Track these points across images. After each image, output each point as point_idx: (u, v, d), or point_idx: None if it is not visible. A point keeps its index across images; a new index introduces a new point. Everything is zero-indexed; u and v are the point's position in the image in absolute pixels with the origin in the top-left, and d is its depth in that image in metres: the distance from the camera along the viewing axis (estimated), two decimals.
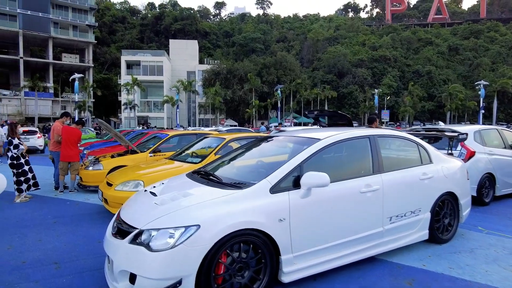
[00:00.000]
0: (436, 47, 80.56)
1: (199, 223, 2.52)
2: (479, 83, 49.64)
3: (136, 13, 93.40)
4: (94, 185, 7.17)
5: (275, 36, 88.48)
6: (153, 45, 75.99)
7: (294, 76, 60.86)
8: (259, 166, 3.82)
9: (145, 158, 7.67)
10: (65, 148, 7.20)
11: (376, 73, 73.40)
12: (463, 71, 75.47)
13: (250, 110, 49.41)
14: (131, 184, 5.14)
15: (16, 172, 6.28)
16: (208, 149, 6.77)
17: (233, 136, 6.37)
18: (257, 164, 3.90)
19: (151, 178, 5.19)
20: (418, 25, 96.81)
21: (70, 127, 7.48)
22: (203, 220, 2.55)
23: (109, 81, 60.22)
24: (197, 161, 5.79)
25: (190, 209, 2.67)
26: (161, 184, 3.62)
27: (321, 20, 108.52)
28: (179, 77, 57.51)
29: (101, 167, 7.22)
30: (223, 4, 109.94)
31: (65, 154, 7.20)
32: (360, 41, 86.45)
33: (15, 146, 6.24)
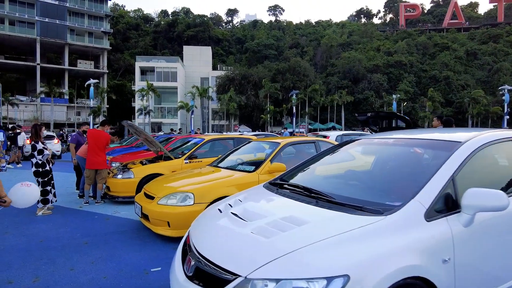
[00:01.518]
0: (453, 52, 78.69)
1: (347, 272, 1.58)
2: (503, 88, 47.86)
3: (150, 21, 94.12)
4: (123, 196, 6.35)
5: (288, 42, 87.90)
6: (166, 52, 76.14)
7: (308, 81, 59.91)
8: (370, 178, 2.89)
9: (180, 165, 6.82)
10: (91, 153, 6.38)
11: (392, 78, 71.93)
12: (482, 76, 73.35)
13: (265, 116, 48.56)
14: (178, 197, 4.25)
15: (41, 181, 5.46)
16: (256, 155, 5.87)
17: (288, 140, 5.45)
18: (365, 175, 2.97)
19: (203, 190, 4.31)
20: (433, 30, 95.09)
21: (96, 130, 6.68)
22: (352, 267, 1.61)
23: (123, 87, 60.20)
24: (251, 169, 4.87)
25: (323, 248, 1.73)
26: (238, 202, 2.70)
27: (334, 26, 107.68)
28: (193, 83, 57.20)
29: (131, 175, 6.38)
30: (236, 11, 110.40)
31: (91, 160, 6.38)
32: (374, 47, 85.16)
33: (39, 152, 5.43)
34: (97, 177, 6.45)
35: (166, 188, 4.54)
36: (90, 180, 6.46)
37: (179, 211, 4.13)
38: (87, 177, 6.46)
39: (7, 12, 43.05)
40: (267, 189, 2.93)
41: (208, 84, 56.67)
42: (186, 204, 4.17)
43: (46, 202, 5.51)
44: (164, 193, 4.37)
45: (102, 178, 6.42)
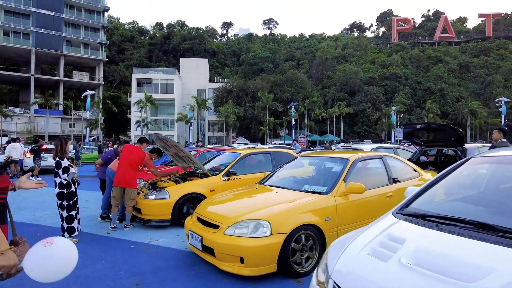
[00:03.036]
0: (446, 64, 79.90)
1: None
2: (499, 100, 48.38)
3: (145, 33, 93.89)
4: (157, 220, 5.54)
5: (283, 55, 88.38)
6: (161, 64, 75.73)
7: (306, 94, 59.84)
8: None
9: (218, 183, 6.07)
10: (121, 170, 5.61)
11: (387, 90, 72.42)
12: (475, 88, 74.41)
13: (264, 128, 48.00)
14: (250, 226, 3.49)
15: (66, 204, 4.64)
16: (313, 172, 5.16)
17: (357, 155, 4.75)
18: None
19: (280, 217, 3.57)
20: (425, 44, 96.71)
21: (133, 145, 5.94)
22: None
23: (118, 99, 59.28)
24: (322, 190, 4.15)
25: None
26: (391, 244, 1.98)
27: (328, 39, 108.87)
28: (190, 95, 56.62)
29: (166, 195, 5.60)
30: (230, 24, 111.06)
31: (120, 177, 5.59)
32: (369, 59, 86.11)
33: (64, 170, 4.62)
34: (125, 197, 5.64)
35: (231, 213, 3.77)
36: (117, 201, 5.65)
37: (255, 244, 3.37)
38: (114, 197, 5.65)
39: (2, 22, 42.17)
40: (413, 223, 2.23)
41: (205, 96, 56.16)
42: (261, 235, 3.42)
43: (72, 231, 4.68)
44: (231, 220, 3.61)
45: (131, 200, 5.61)
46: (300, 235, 3.61)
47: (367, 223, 4.37)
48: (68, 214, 4.62)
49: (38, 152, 13.50)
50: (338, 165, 4.63)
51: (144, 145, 6.10)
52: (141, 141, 6.07)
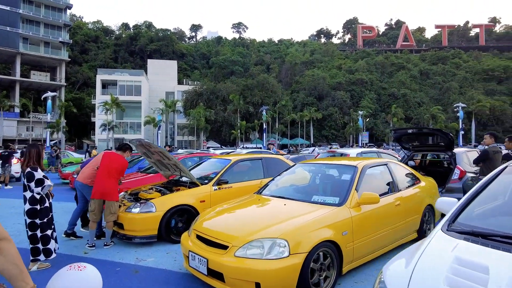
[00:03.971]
0: (408, 71, 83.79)
1: None
2: (457, 105, 51.31)
3: (110, 33, 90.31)
4: (142, 236, 4.94)
5: (253, 59, 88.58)
6: (127, 65, 73.09)
7: (276, 98, 60.15)
8: None
9: (209, 192, 5.57)
10: (101, 179, 4.96)
11: (354, 95, 74.57)
12: (435, 94, 78.55)
13: (236, 132, 47.52)
14: (266, 246, 3.06)
15: (40, 223, 3.93)
16: (317, 181, 4.83)
17: (365, 162, 4.47)
18: None
19: (298, 234, 3.17)
20: (389, 51, 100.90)
21: (114, 152, 5.28)
22: None
23: (81, 101, 56.29)
24: (335, 202, 3.82)
25: None
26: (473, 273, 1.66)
27: (296, 45, 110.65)
28: (158, 98, 54.95)
29: (152, 208, 5.01)
30: (199, 26, 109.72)
31: (100, 188, 4.94)
32: (336, 65, 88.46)
33: (38, 182, 3.93)
34: (105, 211, 4.99)
35: (241, 231, 3.31)
36: (95, 216, 4.98)
37: (272, 267, 2.94)
38: (92, 212, 4.98)
39: None
40: (478, 243, 1.95)
41: (173, 99, 54.65)
42: (278, 256, 3.00)
43: (48, 253, 3.96)
44: (242, 239, 3.15)
45: (112, 214, 4.97)
46: (318, 253, 3.23)
47: (379, 235, 4.13)
48: (43, 234, 3.91)
49: (8, 158, 12.87)
50: (346, 173, 4.33)
51: (128, 153, 5.49)
52: (124, 148, 5.45)
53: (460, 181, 6.65)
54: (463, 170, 6.75)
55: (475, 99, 65.43)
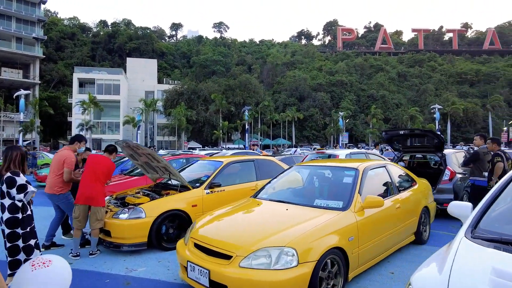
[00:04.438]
0: (387, 73, 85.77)
1: None
2: (434, 107, 52.91)
3: (87, 30, 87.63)
4: (131, 243, 4.64)
5: (235, 59, 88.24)
6: (106, 64, 71.14)
7: (258, 98, 60.08)
8: None
9: (201, 196, 5.33)
10: (86, 183, 4.63)
11: (334, 96, 75.56)
12: (412, 95, 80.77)
13: (218, 132, 47.09)
14: (273, 256, 2.86)
15: (23, 233, 3.55)
16: (315, 184, 4.68)
17: (366, 164, 4.35)
18: None
19: (307, 242, 2.99)
20: (368, 53, 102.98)
21: (100, 155, 4.95)
22: None
23: (57, 100, 54.19)
24: (339, 206, 3.68)
25: None
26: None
27: (277, 45, 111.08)
28: (137, 97, 53.77)
29: (142, 213, 4.72)
30: (180, 25, 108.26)
31: (85, 192, 4.61)
32: (316, 66, 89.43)
33: (20, 188, 3.57)
34: (90, 218, 4.66)
35: (244, 239, 3.10)
36: (80, 222, 4.64)
37: (281, 278, 2.76)
38: (76, 218, 4.63)
39: None
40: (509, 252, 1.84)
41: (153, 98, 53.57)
42: (286, 266, 2.81)
43: None
44: (246, 248, 2.94)
45: (98, 221, 4.64)
46: (326, 261, 3.08)
47: (382, 239, 4.03)
48: (26, 244, 3.55)
49: None
50: (347, 176, 4.20)
51: (114, 155, 5.17)
52: (111, 150, 5.11)
53: (450, 182, 6.69)
54: (453, 171, 6.80)
55: (449, 101, 67.71)
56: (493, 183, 5.77)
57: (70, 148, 5.18)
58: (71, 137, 5.49)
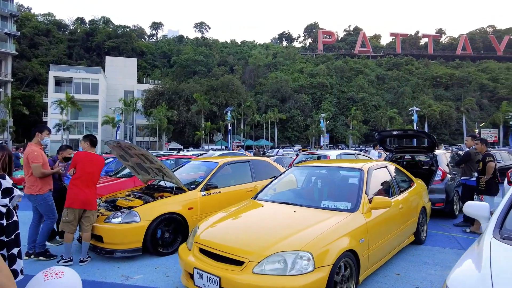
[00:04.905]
0: (366, 76, 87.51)
1: None
2: (412, 109, 54.39)
3: (63, 28, 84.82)
4: (124, 249, 4.39)
5: (216, 60, 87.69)
6: (83, 62, 69.07)
7: (241, 99, 59.91)
8: None
9: (197, 198, 5.13)
10: (82, 186, 4.33)
11: (315, 98, 76.42)
12: (390, 98, 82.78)
13: (200, 133, 46.56)
14: (289, 260, 2.72)
15: (7, 240, 3.25)
16: (318, 185, 4.58)
17: (370, 164, 4.29)
18: None
19: (320, 245, 2.87)
20: (348, 56, 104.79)
21: (90, 153, 4.58)
22: None
23: (31, 99, 52.04)
24: (347, 207, 3.59)
25: None
26: None
27: (259, 47, 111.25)
28: (116, 97, 52.44)
29: (136, 217, 4.47)
30: (160, 24, 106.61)
31: (82, 196, 4.30)
32: (297, 69, 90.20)
33: (5, 192, 3.25)
34: (84, 222, 4.37)
35: (256, 243, 2.94)
36: (74, 226, 4.32)
37: (297, 284, 2.62)
38: (68, 222, 4.30)
39: None
40: None
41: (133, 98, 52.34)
42: (302, 271, 2.68)
43: (14, 275, 3.29)
44: (259, 253, 2.79)
45: (89, 224, 4.37)
46: (340, 264, 2.97)
47: (388, 240, 3.97)
48: (10, 253, 3.25)
49: None
50: (352, 176, 4.12)
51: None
52: (95, 142, 4.70)
53: (442, 182, 6.77)
54: (444, 171, 6.89)
55: (426, 104, 69.84)
56: (483, 181, 5.89)
57: (33, 143, 4.68)
58: (31, 131, 4.90)
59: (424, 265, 4.22)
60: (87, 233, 4.35)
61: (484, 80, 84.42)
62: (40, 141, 4.69)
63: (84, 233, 4.36)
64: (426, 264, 4.24)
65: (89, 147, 4.60)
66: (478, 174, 6.09)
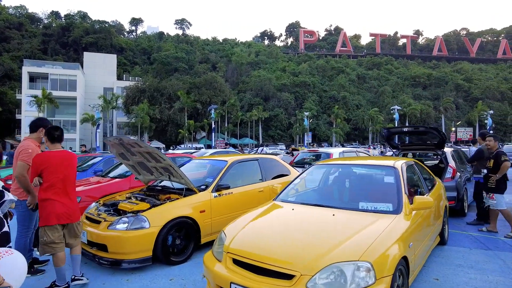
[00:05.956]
0: (347, 75, 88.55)
1: None
2: (393, 108, 55.36)
3: (36, 21, 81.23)
4: (133, 259, 3.90)
5: (198, 57, 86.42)
6: (59, 58, 66.30)
7: (224, 97, 59.23)
8: None
9: (208, 200, 4.69)
10: (65, 195, 3.42)
11: (298, 97, 76.64)
12: (371, 97, 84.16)
13: (184, 131, 45.64)
14: (347, 272, 2.35)
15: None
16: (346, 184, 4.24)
17: (402, 160, 3.98)
18: None
19: (378, 253, 2.53)
20: (329, 55, 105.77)
21: (52, 151, 3.50)
22: None
23: (3, 95, 49.47)
24: (390, 208, 3.26)
25: None
26: None
27: (240, 45, 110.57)
28: (95, 94, 50.65)
29: (145, 223, 3.99)
30: (140, 20, 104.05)
31: (67, 208, 3.40)
32: (280, 67, 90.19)
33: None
34: (70, 233, 3.49)
35: (303, 253, 2.54)
36: (57, 245, 3.34)
37: None
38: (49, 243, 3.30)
39: None
40: None
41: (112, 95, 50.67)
42: (363, 284, 2.32)
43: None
44: (311, 265, 2.40)
45: (78, 238, 3.60)
46: (396, 273, 2.64)
47: (425, 242, 3.66)
48: None
49: None
50: (386, 175, 3.81)
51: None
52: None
53: (453, 180, 6.61)
54: (455, 168, 6.73)
55: (406, 103, 71.47)
56: (494, 179, 5.74)
57: (32, 137, 3.96)
58: (32, 122, 4.06)
59: (458, 268, 3.97)
60: (76, 246, 3.57)
61: (459, 81, 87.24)
62: (42, 138, 3.92)
63: (73, 247, 3.54)
64: (460, 267, 3.99)
65: (51, 144, 3.56)
66: (488, 172, 5.94)
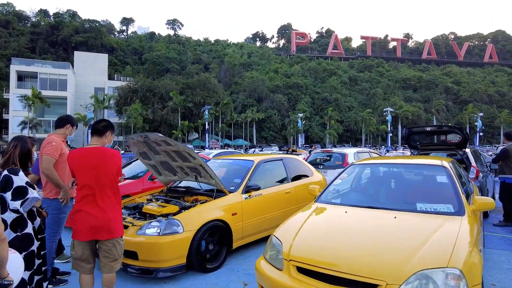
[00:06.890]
0: (339, 77, 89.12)
1: None
2: (386, 110, 55.81)
3: (24, 19, 79.45)
4: (167, 267, 3.61)
5: (190, 58, 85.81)
6: (48, 57, 64.88)
7: (218, 98, 58.85)
8: None
9: (240, 202, 4.43)
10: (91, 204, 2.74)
11: (291, 99, 76.74)
12: (363, 99, 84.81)
13: (177, 132, 45.11)
14: (438, 281, 2.12)
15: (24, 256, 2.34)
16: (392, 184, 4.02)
17: (447, 159, 3.80)
18: None
19: (467, 259, 2.31)
20: (320, 57, 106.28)
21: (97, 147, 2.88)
22: None
23: None
24: (451, 210, 3.06)
25: None
26: None
27: (233, 46, 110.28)
28: (85, 93, 49.69)
29: (178, 227, 3.70)
30: (131, 20, 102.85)
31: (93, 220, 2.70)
32: (273, 69, 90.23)
33: (17, 192, 2.32)
34: (104, 256, 2.78)
35: (385, 261, 2.31)
36: (84, 265, 2.80)
37: None
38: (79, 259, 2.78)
39: None
40: None
41: (103, 94, 49.72)
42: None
43: None
44: (398, 274, 2.17)
45: (115, 260, 2.80)
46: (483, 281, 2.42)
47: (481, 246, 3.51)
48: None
49: None
50: (437, 174, 3.61)
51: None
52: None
53: (477, 180, 6.48)
54: (478, 168, 6.61)
55: (397, 105, 72.24)
56: None
57: (57, 134, 3.60)
58: (59, 118, 3.76)
59: (510, 272, 3.80)
60: (108, 274, 2.80)
61: (448, 83, 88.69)
62: (67, 136, 3.68)
63: (105, 274, 2.80)
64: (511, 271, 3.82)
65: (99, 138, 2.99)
66: None
